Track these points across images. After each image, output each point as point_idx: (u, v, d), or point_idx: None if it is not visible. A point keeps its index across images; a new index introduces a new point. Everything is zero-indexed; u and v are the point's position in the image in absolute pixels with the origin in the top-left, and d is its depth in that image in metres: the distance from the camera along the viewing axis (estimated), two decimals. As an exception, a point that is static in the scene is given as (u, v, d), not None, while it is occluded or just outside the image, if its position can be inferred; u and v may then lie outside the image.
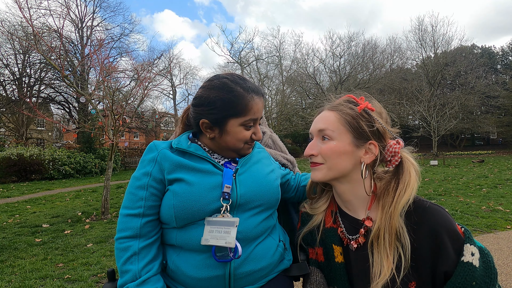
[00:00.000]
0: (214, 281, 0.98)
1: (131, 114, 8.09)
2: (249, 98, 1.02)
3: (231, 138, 1.04)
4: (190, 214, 0.96)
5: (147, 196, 1.00)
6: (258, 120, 1.06)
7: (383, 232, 0.87)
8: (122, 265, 0.96)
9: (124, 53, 23.26)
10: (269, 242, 1.08)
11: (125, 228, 0.99)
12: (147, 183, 1.01)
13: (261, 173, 1.10)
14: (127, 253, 0.96)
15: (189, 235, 0.98)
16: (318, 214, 1.08)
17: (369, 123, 0.95)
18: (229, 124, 1.02)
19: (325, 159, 0.96)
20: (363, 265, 0.94)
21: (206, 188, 0.98)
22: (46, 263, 3.85)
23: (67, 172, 15.27)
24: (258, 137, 1.08)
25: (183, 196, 0.97)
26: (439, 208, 0.90)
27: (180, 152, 1.05)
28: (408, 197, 0.87)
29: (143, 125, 22.94)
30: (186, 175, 1.00)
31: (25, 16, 6.02)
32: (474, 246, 0.85)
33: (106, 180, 6.38)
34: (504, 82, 32.47)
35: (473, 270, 0.81)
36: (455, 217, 5.43)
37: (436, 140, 26.64)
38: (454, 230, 0.86)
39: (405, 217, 0.88)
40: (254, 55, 31.83)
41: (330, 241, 1.03)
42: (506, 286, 2.98)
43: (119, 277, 0.98)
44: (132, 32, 26.41)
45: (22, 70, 21.54)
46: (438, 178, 11.38)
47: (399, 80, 29.71)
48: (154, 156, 1.04)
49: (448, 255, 0.84)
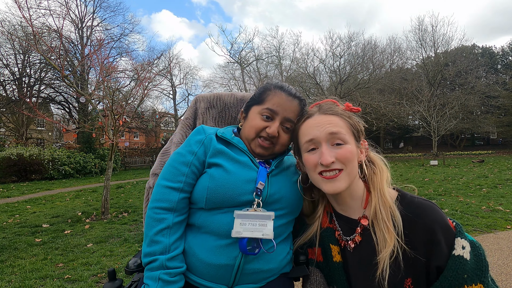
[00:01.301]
0: (222, 270, 0.99)
1: (131, 114, 8.09)
2: (272, 91, 1.11)
3: (248, 124, 1.12)
4: (221, 199, 1.00)
5: (188, 173, 1.05)
6: (277, 114, 1.09)
7: (379, 208, 0.92)
8: (155, 235, 0.98)
9: (124, 53, 23.28)
10: (283, 246, 1.10)
11: (163, 199, 1.01)
12: (191, 161, 1.06)
13: (291, 179, 1.13)
14: (162, 224, 0.98)
15: (213, 218, 1.02)
16: (315, 221, 1.09)
17: (358, 125, 1.01)
18: (251, 111, 1.14)
19: (344, 164, 0.93)
20: (361, 263, 0.95)
21: (241, 179, 1.02)
22: (46, 263, 3.85)
23: (67, 172, 15.27)
24: (271, 132, 1.07)
25: (219, 181, 1.01)
26: (431, 204, 0.92)
27: (223, 141, 1.11)
28: (386, 176, 0.97)
29: (143, 125, 22.96)
30: (226, 162, 1.04)
31: (24, 16, 6.01)
32: (465, 240, 0.86)
33: (106, 180, 6.38)
34: (504, 82, 32.46)
35: (464, 263, 0.83)
36: (455, 217, 5.43)
37: (436, 140, 26.64)
38: (446, 224, 0.88)
39: (400, 214, 0.91)
40: (254, 55, 31.81)
41: (327, 240, 1.04)
42: (506, 286, 2.98)
43: (145, 245, 0.98)
44: (132, 32, 26.44)
45: (22, 70, 21.54)
46: (438, 178, 11.38)
47: (399, 80, 29.69)
48: (201, 139, 1.09)
49: (441, 250, 0.85)
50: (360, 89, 26.44)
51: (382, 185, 0.95)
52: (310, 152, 0.98)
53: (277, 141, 1.10)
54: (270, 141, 1.09)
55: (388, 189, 0.97)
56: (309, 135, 0.97)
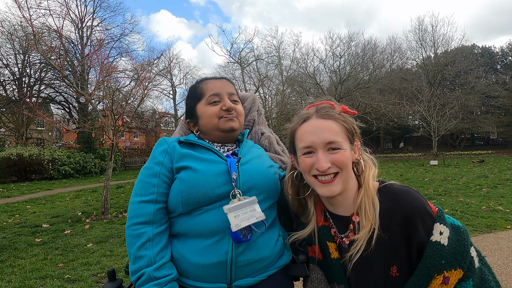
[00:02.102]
0: (216, 269, 1.00)
1: (131, 114, 8.09)
2: (203, 83, 1.24)
3: (205, 117, 1.19)
4: (196, 199, 1.02)
5: (159, 183, 1.06)
6: (220, 94, 1.19)
7: (364, 199, 0.95)
8: (137, 251, 0.97)
9: (124, 53, 23.27)
10: (271, 233, 1.12)
11: (138, 214, 1.01)
12: (159, 171, 1.07)
13: (261, 165, 1.17)
14: (142, 238, 0.98)
15: (195, 221, 1.03)
16: (311, 219, 1.10)
17: (353, 127, 1.03)
18: (198, 109, 1.22)
19: (340, 168, 0.96)
20: (358, 259, 0.95)
21: (211, 174, 1.05)
22: (46, 263, 3.85)
23: (67, 172, 15.27)
24: (228, 105, 1.17)
25: (190, 181, 1.03)
26: (409, 189, 0.94)
27: (188, 144, 1.16)
28: (374, 172, 1.01)
29: (143, 125, 22.95)
30: (193, 163, 1.07)
31: (24, 16, 6.02)
32: (443, 225, 0.86)
33: (106, 180, 6.38)
34: (504, 82, 32.45)
35: (440, 249, 0.83)
36: (455, 217, 5.41)
37: (436, 140, 26.63)
38: (426, 210, 0.89)
39: (379, 197, 0.95)
40: (254, 55, 31.80)
41: (324, 238, 1.06)
42: (506, 286, 2.98)
43: (131, 263, 0.98)
44: (132, 32, 26.42)
45: (22, 70, 21.54)
46: (438, 178, 11.39)
47: (399, 80, 29.70)
48: (165, 148, 1.13)
49: (420, 235, 0.86)
50: (360, 89, 26.44)
51: (368, 179, 0.99)
52: (306, 155, 0.99)
53: (237, 114, 1.20)
54: (231, 114, 1.18)
55: (373, 182, 1.01)
56: (306, 142, 0.99)
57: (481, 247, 3.98)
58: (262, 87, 31.65)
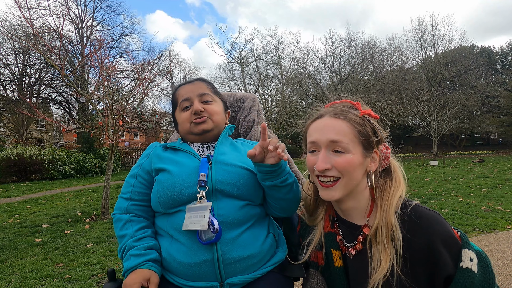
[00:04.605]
0: (204, 267, 1.01)
1: (131, 114, 8.09)
2: (176, 91, 1.30)
3: (180, 125, 1.26)
4: (171, 198, 1.07)
5: (135, 183, 1.18)
6: (190, 97, 1.23)
7: (380, 227, 0.88)
8: (119, 231, 1.12)
9: (124, 53, 23.25)
10: (257, 230, 1.11)
11: (117, 207, 1.18)
12: (137, 173, 1.19)
13: (236, 162, 1.14)
14: (121, 222, 1.13)
15: (176, 220, 1.07)
16: (318, 224, 1.07)
17: (374, 133, 0.95)
18: (177, 116, 1.29)
19: (342, 173, 0.91)
20: (361, 272, 0.93)
21: (184, 175, 1.09)
22: (46, 263, 3.84)
23: (67, 172, 15.26)
24: (196, 108, 1.20)
25: (165, 182, 1.09)
26: (435, 214, 0.89)
27: (172, 149, 1.22)
28: (401, 193, 0.92)
29: (143, 125, 22.95)
30: (170, 166, 1.13)
31: (24, 16, 6.02)
32: (472, 251, 0.83)
33: (106, 180, 6.38)
34: (504, 82, 32.46)
35: (472, 276, 0.80)
36: (455, 217, 5.43)
37: (436, 140, 26.62)
38: (451, 236, 0.85)
39: (401, 222, 0.88)
40: (254, 55, 31.80)
41: (329, 245, 1.02)
42: (506, 286, 2.98)
43: (119, 247, 1.10)
44: (132, 32, 26.41)
45: (22, 70, 21.54)
46: (438, 178, 11.38)
47: (399, 80, 29.67)
48: (148, 152, 1.24)
49: (446, 262, 0.82)
50: (360, 89, 26.45)
51: (391, 203, 0.89)
52: (311, 153, 0.97)
53: (209, 114, 1.22)
54: (201, 116, 1.20)
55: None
56: (312, 137, 0.96)
57: (481, 247, 3.96)
58: (262, 87, 31.65)
